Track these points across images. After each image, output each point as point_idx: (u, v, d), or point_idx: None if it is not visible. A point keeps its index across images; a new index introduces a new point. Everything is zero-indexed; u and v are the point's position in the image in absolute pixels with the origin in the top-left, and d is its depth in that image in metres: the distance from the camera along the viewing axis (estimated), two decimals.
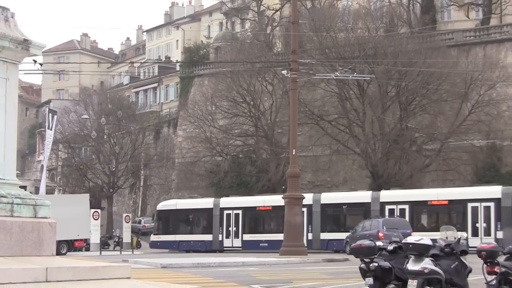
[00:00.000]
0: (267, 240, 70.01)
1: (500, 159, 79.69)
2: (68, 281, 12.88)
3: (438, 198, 63.74)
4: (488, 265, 19.46)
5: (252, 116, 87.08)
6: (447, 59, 77.14)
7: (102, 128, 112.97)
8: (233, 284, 27.38)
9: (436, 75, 73.08)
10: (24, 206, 13.82)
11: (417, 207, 64.72)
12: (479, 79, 75.15)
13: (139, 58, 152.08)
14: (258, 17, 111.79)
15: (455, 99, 74.36)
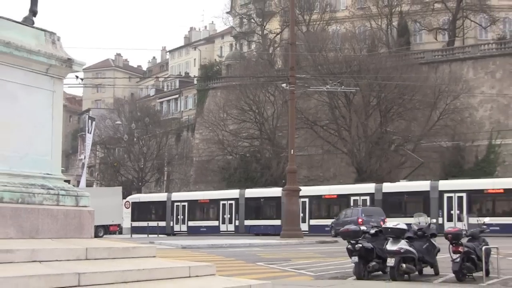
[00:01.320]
0: (206, 226, 75.06)
1: (463, 158, 79.88)
2: (104, 259, 12.89)
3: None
4: (454, 246, 19.53)
5: (257, 122, 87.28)
6: (419, 74, 77.19)
7: (132, 132, 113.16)
8: (242, 262, 27.37)
9: (410, 88, 73.30)
10: (68, 197, 13.80)
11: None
12: (446, 91, 75.75)
13: (163, 74, 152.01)
14: (262, 40, 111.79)
15: (426, 107, 74.70)
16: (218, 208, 75.15)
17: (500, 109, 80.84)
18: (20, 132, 13.19)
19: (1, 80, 12.85)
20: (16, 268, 10.78)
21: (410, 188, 65.29)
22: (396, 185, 66.93)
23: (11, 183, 12.64)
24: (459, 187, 62.84)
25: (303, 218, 65.84)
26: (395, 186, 66.66)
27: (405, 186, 65.99)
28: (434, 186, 64.62)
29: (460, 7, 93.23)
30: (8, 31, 13.13)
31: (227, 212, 74.12)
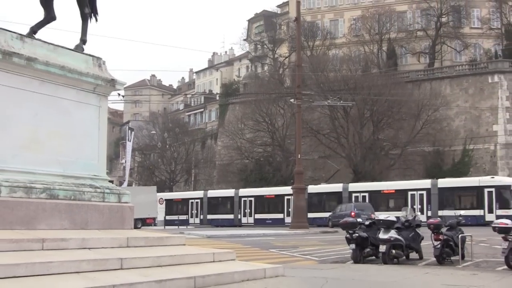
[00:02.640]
0: None
1: (442, 160, 79.82)
2: (142, 247, 12.93)
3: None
4: (435, 234, 19.61)
5: (269, 131, 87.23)
6: (405, 91, 77.46)
7: (165, 140, 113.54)
8: (257, 249, 27.34)
9: (397, 102, 73.32)
10: (111, 194, 13.86)
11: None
12: (427, 104, 75.98)
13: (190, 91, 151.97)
14: (273, 62, 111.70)
15: (411, 118, 74.75)
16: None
17: (473, 119, 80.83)
18: (72, 141, 13.27)
19: (57, 98, 12.95)
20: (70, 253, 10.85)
21: (328, 189, 69.63)
22: (318, 187, 70.91)
23: (65, 183, 12.72)
24: (363, 189, 66.54)
25: None
26: (318, 188, 70.59)
27: (325, 188, 70.24)
28: (345, 188, 68.14)
29: (438, 35, 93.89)
30: (63, 57, 13.23)
31: None
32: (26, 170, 12.12)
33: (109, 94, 14.79)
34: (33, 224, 11.71)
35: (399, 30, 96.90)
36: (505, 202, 56.60)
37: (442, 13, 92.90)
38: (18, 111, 12.20)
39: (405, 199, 62.34)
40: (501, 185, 57.96)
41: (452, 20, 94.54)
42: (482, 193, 58.34)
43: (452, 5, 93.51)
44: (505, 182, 58.84)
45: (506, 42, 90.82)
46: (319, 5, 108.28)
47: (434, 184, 62.69)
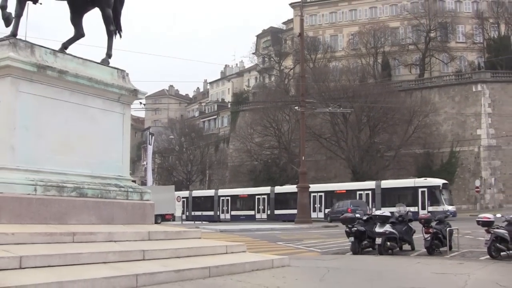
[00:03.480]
0: None
1: (432, 161, 79.64)
2: (162, 240, 12.98)
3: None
4: (425, 228, 19.67)
5: (276, 136, 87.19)
6: (398, 99, 77.17)
7: (182, 144, 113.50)
8: (266, 242, 27.32)
9: (391, 109, 73.24)
10: (134, 193, 13.91)
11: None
12: (418, 111, 75.84)
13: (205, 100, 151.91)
14: (279, 74, 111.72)
15: (403, 123, 74.51)
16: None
17: (459, 124, 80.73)
18: (99, 145, 13.35)
19: (86, 106, 13.03)
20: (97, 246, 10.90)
21: (291, 190, 67.34)
22: (283, 188, 72.94)
23: (93, 183, 12.80)
24: (321, 189, 68.71)
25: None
26: (282, 189, 72.86)
27: (288, 188, 70.08)
28: None
29: (427, 48, 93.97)
30: (91, 69, 13.32)
31: None
32: (59, 171, 12.19)
33: (132, 102, 14.87)
34: (64, 219, 11.77)
35: (393, 44, 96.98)
36: (435, 200, 59.50)
37: (430, 29, 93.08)
38: (51, 119, 12.28)
39: (354, 198, 64.29)
40: (432, 185, 60.89)
41: (440, 35, 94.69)
42: (416, 192, 61.01)
43: (440, 21, 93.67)
44: (435, 183, 61.45)
45: (488, 55, 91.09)
46: (320, 22, 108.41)
47: (378, 185, 65.02)
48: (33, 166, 11.72)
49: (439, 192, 60.46)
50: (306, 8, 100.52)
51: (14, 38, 12.12)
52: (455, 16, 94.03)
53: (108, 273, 9.49)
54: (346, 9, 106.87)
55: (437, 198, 59.83)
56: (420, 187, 61.15)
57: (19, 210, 11.00)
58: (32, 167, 11.69)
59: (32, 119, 11.87)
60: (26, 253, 9.26)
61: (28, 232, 10.35)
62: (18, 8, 12.61)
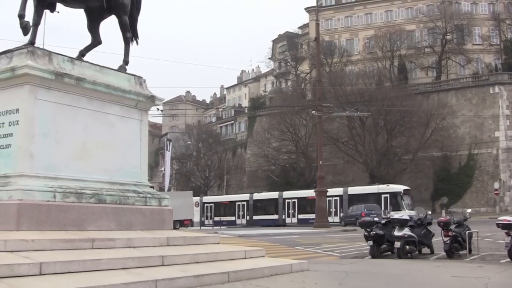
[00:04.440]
0: None
1: (450, 164, 79.63)
2: (181, 245, 12.98)
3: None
4: (444, 231, 19.52)
5: (294, 140, 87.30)
6: (415, 102, 76.93)
7: (199, 149, 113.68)
8: (284, 246, 27.29)
9: (408, 112, 73.07)
10: (153, 199, 13.93)
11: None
12: (435, 114, 75.62)
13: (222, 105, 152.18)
14: (296, 78, 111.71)
15: (420, 127, 74.35)
16: None
17: (476, 127, 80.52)
18: (117, 151, 13.38)
19: (103, 113, 13.08)
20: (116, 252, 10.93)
21: (268, 197, 76.51)
22: (260, 195, 78.43)
23: (111, 189, 12.83)
24: (294, 196, 73.24)
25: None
26: (260, 195, 78.19)
27: (265, 195, 77.43)
28: (280, 195, 74.75)
29: (444, 51, 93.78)
30: (108, 76, 13.38)
31: None
32: (77, 178, 12.23)
33: (149, 109, 14.90)
34: (83, 225, 11.81)
35: (409, 47, 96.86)
36: (397, 205, 61.46)
37: (447, 31, 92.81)
38: (70, 126, 12.33)
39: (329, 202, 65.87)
40: (394, 192, 63.43)
41: (456, 38, 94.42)
42: (380, 198, 63.49)
43: (456, 24, 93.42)
44: (397, 189, 63.94)
45: (505, 56, 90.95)
46: (336, 26, 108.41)
47: (345, 191, 68.16)
48: (52, 173, 11.77)
49: (400, 197, 62.81)
50: (322, 12, 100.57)
51: (32, 46, 12.20)
52: (471, 18, 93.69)
53: (128, 279, 9.51)
54: (362, 13, 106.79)
55: (398, 203, 62.04)
56: (383, 193, 63.79)
57: (38, 216, 11.05)
58: (51, 174, 11.74)
59: (50, 126, 11.92)
60: (46, 260, 9.30)
61: (48, 239, 10.39)
62: (35, 16, 12.71)
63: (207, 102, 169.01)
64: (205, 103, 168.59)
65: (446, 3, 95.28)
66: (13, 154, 11.54)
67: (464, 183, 78.67)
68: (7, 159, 11.57)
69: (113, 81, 13.42)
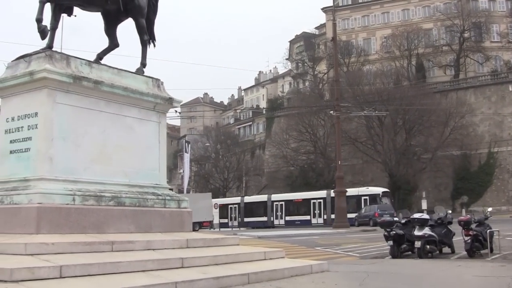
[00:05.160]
0: None
1: (469, 163, 79.40)
2: (200, 247, 12.98)
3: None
4: (465, 230, 19.44)
5: (312, 141, 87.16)
6: (433, 100, 76.54)
7: (218, 151, 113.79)
8: (304, 247, 27.24)
9: (427, 111, 72.62)
10: (172, 201, 13.95)
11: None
12: (454, 112, 75.24)
13: (239, 107, 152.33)
14: (313, 78, 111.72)
15: (439, 125, 73.81)
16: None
17: (496, 125, 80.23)
18: (136, 154, 13.42)
19: (122, 115, 13.13)
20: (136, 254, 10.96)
21: (258, 199, 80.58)
22: (251, 198, 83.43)
23: (130, 192, 12.86)
24: (281, 198, 77.27)
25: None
26: (251, 198, 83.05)
27: (256, 198, 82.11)
28: (269, 198, 78.47)
29: (462, 49, 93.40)
30: (126, 79, 13.42)
31: None
32: (96, 181, 12.27)
33: (167, 111, 14.94)
34: (103, 228, 11.83)
35: (426, 45, 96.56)
36: None
37: (464, 29, 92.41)
38: (88, 129, 12.37)
39: (309, 206, 72.95)
40: (373, 194, 66.49)
41: (474, 35, 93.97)
42: (360, 200, 66.47)
43: (474, 21, 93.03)
44: (375, 192, 66.99)
45: None
46: (353, 26, 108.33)
47: (328, 194, 69.44)
48: (71, 176, 11.81)
49: (379, 199, 65.46)
50: (338, 12, 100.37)
51: (50, 50, 12.25)
52: (489, 16, 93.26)
53: (148, 281, 9.52)
54: (379, 12, 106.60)
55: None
56: (363, 195, 66.81)
57: (58, 220, 11.08)
58: (70, 177, 11.78)
59: (69, 129, 11.96)
60: (66, 263, 9.33)
61: (68, 242, 10.42)
62: (53, 21, 12.76)
63: (225, 104, 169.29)
64: (223, 104, 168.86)
65: (463, 1, 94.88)
66: (33, 158, 11.60)
67: (484, 181, 78.22)
68: (27, 163, 11.64)
69: (131, 84, 13.46)
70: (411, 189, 76.04)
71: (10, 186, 11.59)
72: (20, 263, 9.01)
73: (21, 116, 11.85)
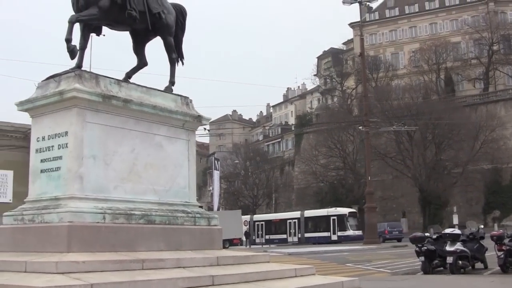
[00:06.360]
0: None
1: (501, 176, 78.90)
2: (231, 265, 12.94)
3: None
4: (498, 245, 19.22)
5: (341, 156, 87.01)
6: (463, 114, 76.36)
7: (247, 168, 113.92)
8: (334, 264, 27.15)
9: (456, 125, 72.36)
10: (202, 218, 13.92)
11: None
12: (484, 126, 74.90)
13: (268, 123, 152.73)
14: (342, 94, 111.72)
15: (469, 139, 73.39)
16: None
17: None
18: (166, 172, 13.43)
19: (151, 134, 13.15)
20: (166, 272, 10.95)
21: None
22: None
23: (160, 210, 12.87)
24: (262, 219, 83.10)
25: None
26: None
27: None
28: (251, 218, 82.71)
29: (491, 62, 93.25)
30: (155, 97, 13.47)
31: None
32: (126, 199, 12.29)
33: (196, 128, 14.94)
34: (133, 246, 11.84)
35: (455, 59, 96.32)
36: (343, 226, 69.51)
37: (493, 42, 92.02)
38: (118, 147, 12.40)
39: (286, 225, 77.09)
40: (340, 214, 70.46)
41: (503, 48, 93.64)
42: (329, 220, 71.17)
43: (502, 34, 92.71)
44: (343, 212, 70.94)
45: None
46: (380, 41, 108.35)
47: (302, 214, 76.01)
48: (101, 194, 11.84)
49: (346, 219, 69.76)
50: (366, 27, 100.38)
51: (79, 69, 12.33)
52: None
53: None
54: (406, 26, 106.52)
55: (344, 224, 69.51)
56: (331, 216, 71.03)
57: (88, 238, 11.11)
58: (101, 195, 11.82)
59: (99, 148, 12.01)
60: (97, 281, 9.34)
61: (98, 260, 10.44)
62: (82, 40, 12.86)
63: (254, 121, 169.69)
64: (252, 121, 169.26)
65: (491, 14, 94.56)
66: (63, 177, 11.65)
67: None
68: (57, 182, 11.69)
69: (160, 102, 13.49)
70: (441, 204, 75.56)
71: (41, 205, 11.65)
72: (51, 282, 9.04)
73: (52, 136, 11.92)
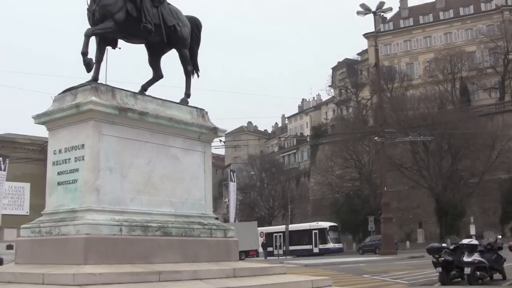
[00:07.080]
0: None
1: None
2: (247, 276, 12.93)
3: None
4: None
5: (357, 167, 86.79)
6: (479, 124, 76.08)
7: (263, 179, 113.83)
8: (350, 275, 27.05)
9: (472, 135, 71.96)
10: (218, 230, 13.94)
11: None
12: (501, 135, 74.58)
13: (283, 135, 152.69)
14: (357, 105, 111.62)
15: (486, 149, 72.92)
16: None
17: None
18: (182, 184, 13.46)
19: (167, 146, 13.20)
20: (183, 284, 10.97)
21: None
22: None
23: (176, 222, 12.89)
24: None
25: None
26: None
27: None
28: None
29: (506, 70, 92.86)
30: (170, 110, 13.53)
31: None
32: (143, 211, 12.32)
33: (212, 140, 14.97)
34: (149, 258, 11.86)
35: (470, 68, 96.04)
36: (324, 239, 73.45)
37: (508, 50, 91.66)
38: (134, 160, 12.45)
39: (272, 238, 78.21)
40: (321, 228, 74.64)
41: None
42: (311, 233, 75.06)
43: None
44: (323, 226, 74.89)
45: None
46: (395, 51, 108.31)
47: (287, 228, 79.95)
48: (118, 207, 11.88)
49: (326, 233, 73.79)
50: (380, 38, 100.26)
51: (95, 82, 12.41)
52: None
53: None
54: (421, 36, 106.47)
55: (325, 237, 73.43)
56: (313, 229, 74.88)
57: (105, 250, 11.14)
58: (117, 208, 11.85)
59: (115, 161, 12.05)
60: None
61: (115, 272, 10.46)
62: (98, 53, 12.95)
63: (269, 132, 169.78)
64: (267, 133, 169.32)
65: (506, 22, 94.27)
66: (80, 189, 11.70)
67: None
68: (74, 194, 11.74)
69: (175, 114, 13.54)
70: (458, 214, 75.08)
71: (58, 217, 11.71)
72: None
73: (68, 148, 11.99)
